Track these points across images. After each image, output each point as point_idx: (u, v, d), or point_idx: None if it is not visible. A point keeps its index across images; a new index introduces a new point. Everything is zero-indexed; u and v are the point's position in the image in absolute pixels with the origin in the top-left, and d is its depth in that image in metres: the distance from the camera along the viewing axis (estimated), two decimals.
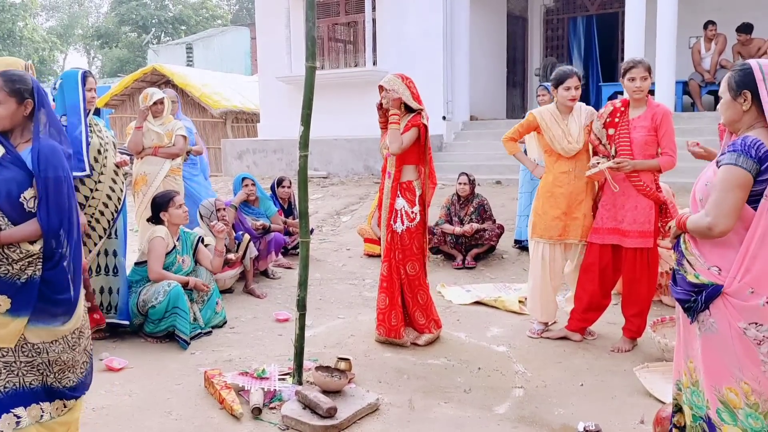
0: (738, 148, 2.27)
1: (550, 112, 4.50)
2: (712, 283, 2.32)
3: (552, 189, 4.48)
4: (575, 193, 4.42)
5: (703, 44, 10.16)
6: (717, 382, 2.33)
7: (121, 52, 36.46)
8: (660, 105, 4.20)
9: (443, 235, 6.70)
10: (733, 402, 2.29)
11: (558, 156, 4.46)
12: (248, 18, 32.67)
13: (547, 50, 13.81)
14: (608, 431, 3.21)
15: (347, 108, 11.55)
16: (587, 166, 4.29)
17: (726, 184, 2.28)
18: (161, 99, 5.82)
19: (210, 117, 15.42)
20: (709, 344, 2.34)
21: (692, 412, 2.46)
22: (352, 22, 12.57)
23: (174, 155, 5.86)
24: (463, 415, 3.44)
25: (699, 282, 2.36)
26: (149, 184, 5.69)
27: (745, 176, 2.25)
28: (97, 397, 3.63)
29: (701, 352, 2.37)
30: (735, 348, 2.27)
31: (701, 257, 2.37)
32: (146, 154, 5.74)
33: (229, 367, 4.00)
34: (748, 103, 2.32)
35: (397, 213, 4.40)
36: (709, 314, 2.32)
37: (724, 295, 2.28)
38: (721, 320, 2.29)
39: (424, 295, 4.49)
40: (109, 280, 4.56)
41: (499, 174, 9.72)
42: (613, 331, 4.56)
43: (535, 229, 4.57)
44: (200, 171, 6.77)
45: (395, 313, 4.41)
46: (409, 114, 4.38)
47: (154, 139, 5.76)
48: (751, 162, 2.24)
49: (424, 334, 4.48)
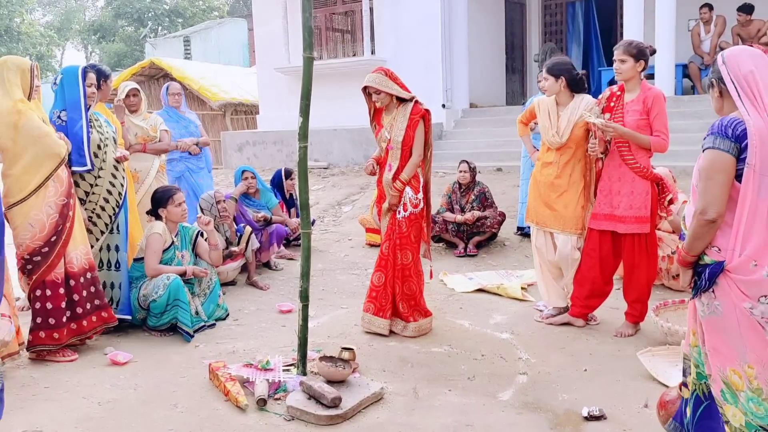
0: (715, 131, 2.31)
1: (548, 102, 4.54)
2: (714, 261, 2.32)
3: (536, 176, 4.63)
4: (556, 185, 4.46)
5: (702, 27, 10.11)
6: (721, 364, 2.33)
7: (118, 46, 36.34)
8: (652, 88, 4.19)
9: (445, 224, 6.70)
10: (736, 384, 2.29)
11: (547, 146, 4.53)
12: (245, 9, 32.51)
13: (546, 36, 13.75)
14: (612, 416, 3.22)
15: (346, 98, 11.48)
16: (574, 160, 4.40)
17: (707, 171, 2.31)
18: (133, 91, 5.72)
19: (209, 110, 15.40)
20: (713, 327, 2.35)
21: (697, 371, 2.49)
22: (350, 11, 12.52)
23: (163, 151, 5.81)
24: (468, 402, 3.45)
25: (702, 262, 2.37)
26: (141, 181, 5.56)
27: (724, 159, 2.27)
28: (103, 391, 3.65)
29: (706, 333, 2.38)
30: (741, 330, 2.26)
31: None
32: (134, 150, 5.57)
33: (234, 359, 4.01)
34: (716, 91, 2.44)
35: (402, 200, 4.39)
36: (714, 297, 2.32)
37: (726, 273, 2.28)
38: (726, 302, 2.29)
39: (413, 286, 4.44)
40: (110, 275, 4.57)
41: (500, 161, 9.71)
42: (616, 316, 4.57)
43: (527, 214, 4.74)
44: (205, 164, 6.74)
45: (386, 294, 4.39)
46: (403, 104, 4.35)
47: (138, 133, 5.63)
48: (729, 142, 2.26)
49: (410, 323, 4.43)
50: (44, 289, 4.04)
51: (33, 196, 3.97)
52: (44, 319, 4.04)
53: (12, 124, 3.93)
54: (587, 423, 3.18)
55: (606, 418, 3.20)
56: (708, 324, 2.36)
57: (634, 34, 8.89)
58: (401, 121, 4.33)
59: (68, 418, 3.34)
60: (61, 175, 4.08)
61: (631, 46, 4.11)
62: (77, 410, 3.42)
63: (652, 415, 3.07)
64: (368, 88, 4.35)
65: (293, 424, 3.23)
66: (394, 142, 4.33)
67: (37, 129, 3.98)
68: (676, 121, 4.03)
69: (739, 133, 2.25)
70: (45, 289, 4.04)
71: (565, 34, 13.50)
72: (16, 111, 3.94)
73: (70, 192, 4.14)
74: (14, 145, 3.94)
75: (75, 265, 4.15)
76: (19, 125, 3.94)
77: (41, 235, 4.00)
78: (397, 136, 4.32)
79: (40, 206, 3.99)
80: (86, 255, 4.25)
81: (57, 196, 4.04)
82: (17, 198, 3.96)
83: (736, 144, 2.25)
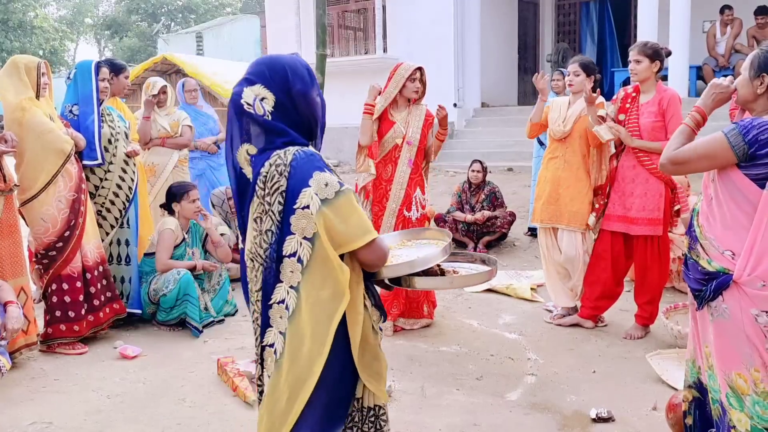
0: (741, 124, 2.23)
1: (562, 98, 4.60)
2: (723, 270, 2.27)
3: (542, 173, 4.65)
4: (562, 179, 4.46)
5: (719, 28, 10.02)
6: (727, 368, 2.30)
7: (131, 41, 36.49)
8: (668, 89, 4.16)
9: (455, 223, 6.69)
10: (741, 388, 2.27)
11: (553, 140, 4.55)
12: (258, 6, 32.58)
13: (559, 36, 13.68)
14: (621, 418, 3.21)
15: (358, 96, 11.41)
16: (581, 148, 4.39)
17: (703, 146, 2.30)
18: (164, 88, 5.78)
19: (220, 105, 15.36)
20: (720, 330, 2.32)
21: (711, 396, 2.44)
22: (362, 8, 12.50)
23: (182, 146, 5.83)
24: (475, 401, 3.44)
25: (711, 269, 2.31)
26: (158, 175, 5.64)
27: (723, 149, 2.23)
28: (112, 384, 3.67)
29: (713, 337, 2.35)
30: (747, 334, 2.24)
31: (715, 241, 2.32)
32: (153, 144, 5.66)
33: (242, 354, 4.02)
34: (764, 87, 2.28)
35: (413, 201, 4.41)
36: (722, 300, 2.29)
37: (734, 282, 2.24)
38: (733, 306, 2.26)
39: None
40: (121, 270, 4.60)
41: (511, 161, 9.67)
42: (626, 318, 4.55)
43: (533, 214, 4.74)
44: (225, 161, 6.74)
45: (397, 301, 4.43)
46: (415, 104, 4.44)
47: (160, 129, 5.71)
48: (741, 142, 2.19)
49: (423, 319, 4.55)
50: (60, 284, 4.09)
51: (43, 192, 4.02)
52: (63, 312, 4.10)
53: (17, 120, 3.99)
54: (595, 425, 3.17)
55: (614, 420, 3.18)
56: (716, 327, 2.33)
57: (648, 35, 8.83)
58: (418, 119, 4.41)
59: (77, 410, 3.36)
60: (71, 171, 4.11)
61: (646, 47, 4.08)
62: (86, 403, 3.45)
63: (661, 418, 3.06)
64: (419, 71, 4.34)
65: None
66: (412, 138, 4.38)
67: (41, 125, 4.01)
68: None
69: (762, 139, 2.16)
70: (61, 283, 4.09)
71: (578, 34, 13.42)
72: (21, 108, 3.99)
73: (81, 187, 4.17)
74: (21, 142, 3.98)
75: (90, 258, 4.22)
76: (23, 122, 3.99)
77: (54, 231, 4.04)
78: (415, 133, 4.38)
79: (51, 202, 4.03)
80: (98, 248, 4.32)
81: (67, 192, 4.08)
82: (29, 194, 4.02)
83: (746, 147, 2.18)
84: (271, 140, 1.83)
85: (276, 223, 1.76)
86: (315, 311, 1.75)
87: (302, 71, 1.88)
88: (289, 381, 1.78)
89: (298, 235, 1.74)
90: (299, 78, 1.86)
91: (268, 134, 1.84)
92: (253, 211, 1.84)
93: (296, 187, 1.74)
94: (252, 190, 1.83)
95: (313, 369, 1.75)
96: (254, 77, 1.87)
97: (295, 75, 1.86)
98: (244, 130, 1.86)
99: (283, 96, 1.84)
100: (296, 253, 1.74)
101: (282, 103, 1.84)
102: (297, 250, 1.74)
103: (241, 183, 1.89)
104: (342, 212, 1.72)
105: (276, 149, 1.81)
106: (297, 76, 1.86)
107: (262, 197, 1.80)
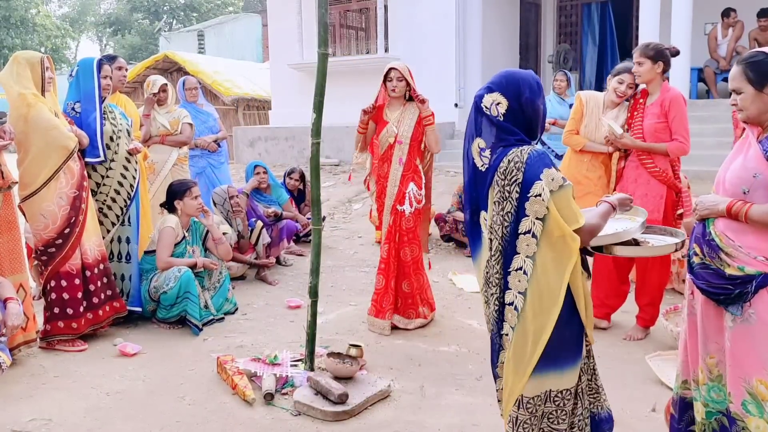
0: None
1: (597, 100, 4.55)
2: (760, 273, 2.22)
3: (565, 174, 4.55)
4: (583, 184, 4.49)
5: (720, 30, 10.02)
6: (747, 374, 2.26)
7: (133, 39, 36.54)
8: (671, 90, 4.14)
9: (455, 223, 6.68)
10: (762, 394, 2.24)
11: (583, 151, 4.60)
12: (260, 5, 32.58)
13: (560, 37, 13.67)
14: (620, 419, 3.20)
15: (359, 95, 11.35)
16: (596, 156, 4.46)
17: None
18: (164, 86, 5.78)
19: (221, 104, 15.44)
20: (742, 335, 2.27)
21: (707, 409, 2.41)
22: (364, 8, 12.50)
23: (182, 143, 5.84)
24: (475, 401, 3.44)
25: (743, 274, 2.25)
26: (157, 172, 5.65)
27: None
28: (112, 382, 3.67)
29: (732, 343, 2.30)
30: None
31: (743, 248, 2.27)
32: (153, 142, 5.66)
33: (242, 353, 4.02)
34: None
35: (406, 196, 4.42)
36: (749, 305, 2.24)
37: None
38: (762, 310, 2.22)
39: (420, 279, 4.55)
40: (121, 267, 4.61)
41: None
42: (626, 319, 4.54)
43: None
44: (225, 158, 6.76)
45: (387, 296, 4.46)
46: (409, 103, 4.47)
47: (160, 126, 5.72)
48: None
49: (418, 319, 4.53)
50: (59, 280, 4.09)
51: (44, 188, 4.02)
52: (62, 309, 4.10)
53: (22, 116, 3.98)
54: None
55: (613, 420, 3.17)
56: (737, 332, 2.28)
57: (650, 36, 8.82)
58: (410, 118, 4.43)
59: (77, 407, 3.36)
60: (73, 168, 4.11)
61: (648, 48, 4.06)
62: (86, 400, 3.45)
63: (660, 420, 3.06)
64: (393, 71, 4.40)
65: (300, 420, 3.24)
66: (402, 137, 4.41)
67: (46, 121, 4.01)
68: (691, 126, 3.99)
69: None
70: (60, 280, 4.09)
71: (580, 35, 13.40)
72: (26, 104, 3.99)
73: (82, 184, 4.17)
74: (25, 138, 3.98)
75: (89, 256, 4.21)
76: (28, 117, 3.98)
77: (54, 227, 4.04)
78: (406, 131, 4.41)
79: (52, 198, 4.03)
80: (99, 246, 4.31)
81: (69, 188, 4.08)
82: (30, 190, 4.02)
83: None
84: (501, 137, 2.23)
85: (514, 207, 2.17)
86: (548, 273, 2.17)
87: (533, 83, 2.26)
88: (533, 328, 2.21)
89: (531, 216, 2.14)
90: (528, 88, 2.24)
91: (499, 132, 2.24)
92: (493, 195, 2.23)
93: (530, 180, 2.13)
94: (488, 179, 2.24)
95: (551, 317, 2.19)
96: (494, 86, 2.27)
97: (526, 86, 2.25)
98: (478, 127, 2.28)
99: (515, 103, 2.23)
100: (530, 230, 2.15)
101: (513, 108, 2.23)
102: (531, 228, 2.15)
103: (472, 170, 2.31)
104: (561, 202, 2.14)
105: (507, 146, 2.22)
106: (527, 87, 2.25)
107: (502, 186, 2.19)
